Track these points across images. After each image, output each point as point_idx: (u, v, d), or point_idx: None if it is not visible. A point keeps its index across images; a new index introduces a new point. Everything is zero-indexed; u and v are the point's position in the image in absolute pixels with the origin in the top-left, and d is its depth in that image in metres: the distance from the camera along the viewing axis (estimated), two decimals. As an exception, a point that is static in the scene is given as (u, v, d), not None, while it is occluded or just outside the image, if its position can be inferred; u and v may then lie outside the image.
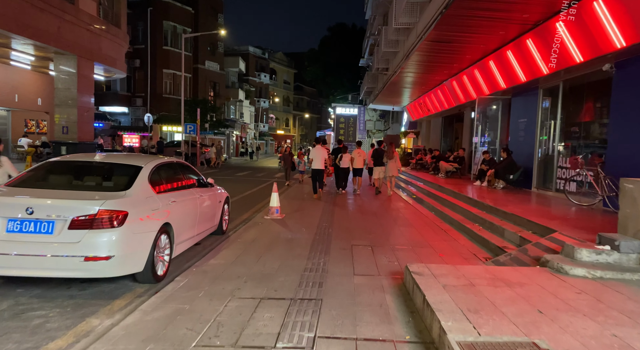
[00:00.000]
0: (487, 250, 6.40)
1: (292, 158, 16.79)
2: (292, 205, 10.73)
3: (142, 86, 35.42)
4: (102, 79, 20.89)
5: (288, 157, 16.70)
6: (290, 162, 16.63)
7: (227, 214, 8.03)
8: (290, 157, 16.74)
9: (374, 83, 25.51)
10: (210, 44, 40.09)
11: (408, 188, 14.99)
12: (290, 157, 16.76)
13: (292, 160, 16.89)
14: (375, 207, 11.08)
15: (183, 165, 6.49)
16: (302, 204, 11.11)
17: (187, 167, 6.63)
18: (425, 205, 11.09)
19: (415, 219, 9.26)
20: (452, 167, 15.43)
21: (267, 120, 66.32)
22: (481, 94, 13.97)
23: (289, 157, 16.72)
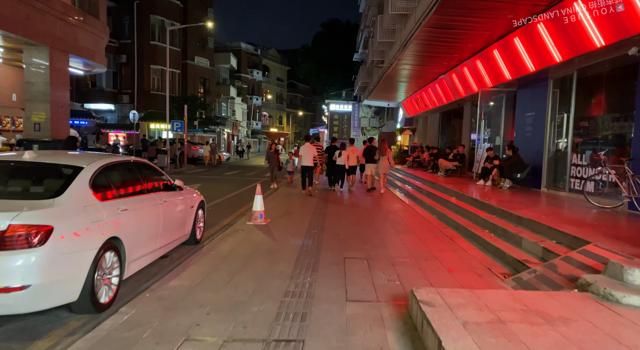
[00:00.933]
0: (504, 263, 5.44)
1: (278, 156, 14.47)
2: (279, 209, 9.73)
3: (129, 82, 34.22)
4: (82, 73, 19.71)
5: (274, 156, 14.36)
6: (276, 161, 14.39)
7: (203, 221, 7.03)
8: (276, 156, 14.36)
9: (369, 78, 24.52)
10: (200, 39, 38.92)
11: (406, 188, 14.04)
12: (276, 155, 14.37)
13: (279, 160, 14.63)
14: (371, 210, 10.12)
15: (143, 165, 5.47)
16: (291, 207, 10.11)
17: (149, 168, 5.61)
18: (426, 207, 10.13)
19: (416, 224, 8.30)
20: (452, 165, 14.50)
21: (260, 118, 65.25)
22: (484, 87, 13.03)
23: (275, 155, 14.39)
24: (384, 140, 13.75)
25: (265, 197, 10.90)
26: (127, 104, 33.88)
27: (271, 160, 14.34)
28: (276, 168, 14.58)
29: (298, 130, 78.10)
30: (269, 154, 14.57)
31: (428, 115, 23.03)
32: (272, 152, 14.60)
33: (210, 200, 11.83)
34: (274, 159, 14.33)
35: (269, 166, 14.46)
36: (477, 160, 14.06)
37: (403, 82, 19.08)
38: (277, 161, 14.48)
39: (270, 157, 14.41)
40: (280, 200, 11.07)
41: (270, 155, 14.46)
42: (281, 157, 16.20)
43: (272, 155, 14.43)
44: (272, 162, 14.34)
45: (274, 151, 14.58)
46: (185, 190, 6.36)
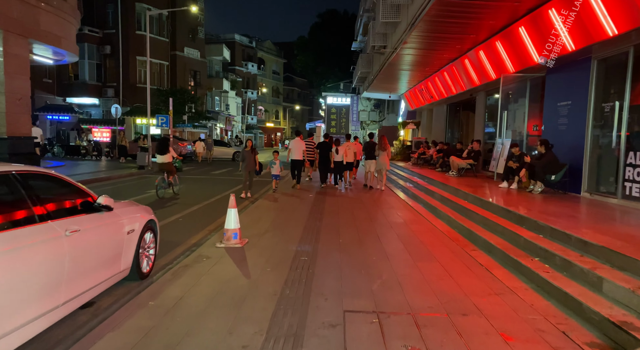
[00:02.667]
0: (584, 322, 3.64)
1: (255, 157, 11.14)
2: (262, 224, 7.93)
3: (114, 75, 32.27)
4: (51, 62, 17.79)
5: (249, 156, 11.10)
6: (253, 162, 11.08)
7: (154, 246, 5.23)
8: (253, 155, 11.12)
9: (369, 67, 22.66)
10: (190, 29, 36.93)
11: (412, 190, 12.24)
12: (252, 155, 11.13)
13: (256, 161, 11.16)
14: (374, 220, 8.32)
15: (37, 177, 3.65)
16: (277, 220, 8.30)
17: (51, 181, 3.79)
18: (443, 218, 8.34)
19: (435, 243, 6.51)
20: (466, 163, 12.70)
21: (256, 113, 63.34)
22: (504, 73, 11.20)
23: (251, 155, 11.12)
24: (383, 136, 13.14)
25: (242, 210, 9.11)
26: (112, 98, 31.94)
27: (247, 162, 11.14)
28: (252, 172, 11.31)
29: (295, 125, 76.15)
30: (244, 153, 11.27)
31: (434, 107, 21.21)
32: (247, 150, 11.29)
33: (185, 207, 10.05)
34: (250, 160, 11.13)
35: (243, 169, 11.23)
36: (494, 158, 12.29)
37: (407, 70, 17.23)
38: (254, 163, 11.16)
39: (246, 157, 11.17)
40: (263, 212, 9.24)
41: (246, 154, 11.21)
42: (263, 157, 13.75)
43: (247, 155, 11.18)
44: (248, 163, 11.14)
45: (250, 149, 11.31)
46: (120, 208, 4.53)
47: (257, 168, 11.25)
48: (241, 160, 11.34)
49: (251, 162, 11.12)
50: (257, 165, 11.19)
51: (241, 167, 11.27)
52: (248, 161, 11.13)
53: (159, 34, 33.69)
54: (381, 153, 12.51)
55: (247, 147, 11.47)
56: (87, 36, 30.87)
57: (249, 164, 11.13)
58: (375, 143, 12.89)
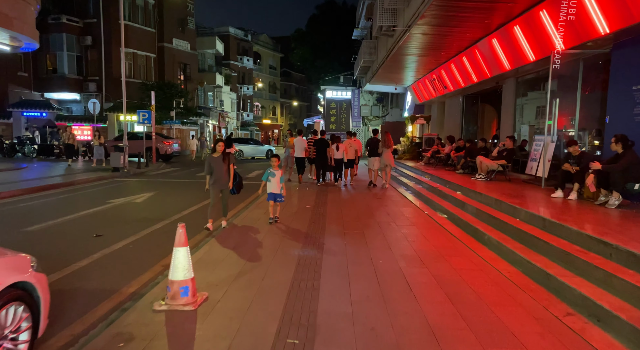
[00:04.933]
0: None
1: (230, 165, 7.24)
2: (235, 260, 5.66)
3: (96, 68, 29.86)
4: (7, 49, 15.43)
5: (220, 166, 7.08)
6: (225, 176, 7.16)
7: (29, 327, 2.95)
8: (225, 165, 7.14)
9: (373, 55, 20.31)
10: (179, 19, 34.48)
11: (433, 198, 9.94)
12: (225, 164, 7.14)
13: (231, 172, 7.27)
14: (396, 247, 6.03)
15: None
16: (255, 255, 6.02)
17: None
18: (491, 246, 6.04)
19: (501, 300, 4.21)
20: (497, 165, 10.41)
21: (252, 109, 60.95)
22: (549, 51, 8.90)
23: (223, 165, 7.12)
24: (387, 133, 12.76)
25: (206, 239, 6.82)
26: (94, 93, 29.53)
27: (215, 175, 7.07)
28: (225, 191, 7.29)
29: (293, 122, 73.79)
30: (210, 161, 7.10)
31: (446, 99, 18.91)
32: (216, 157, 7.12)
33: (147, 224, 7.73)
34: (220, 172, 7.06)
35: (211, 185, 7.15)
36: (532, 159, 10.02)
37: (419, 55, 14.92)
38: (227, 176, 7.19)
39: (214, 168, 7.05)
40: (240, 240, 6.92)
41: (214, 164, 7.06)
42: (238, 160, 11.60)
43: (216, 165, 7.05)
44: (217, 178, 7.07)
45: (222, 156, 7.13)
46: None
47: (231, 185, 7.32)
48: (207, 172, 7.11)
49: (223, 175, 7.09)
50: (231, 179, 7.24)
51: (208, 183, 7.15)
52: (218, 174, 7.05)
53: (144, 24, 31.30)
54: (385, 150, 12.23)
55: (215, 152, 7.19)
56: (65, 26, 28.49)
57: (219, 178, 7.07)
58: (378, 140, 12.60)
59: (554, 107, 8.07)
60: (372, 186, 12.60)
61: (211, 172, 7.15)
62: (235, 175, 7.51)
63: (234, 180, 7.44)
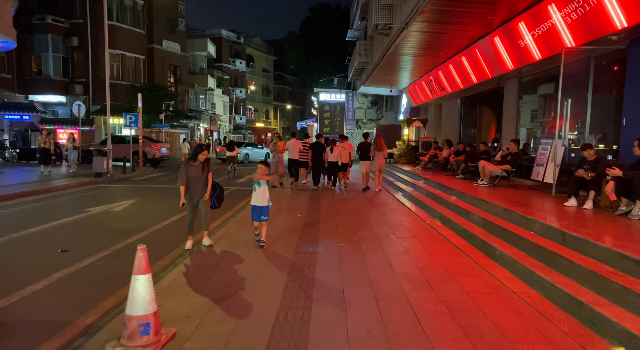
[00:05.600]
0: None
1: (209, 172, 6.05)
2: (210, 286, 4.97)
3: (83, 70, 29.01)
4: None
5: (197, 174, 5.93)
6: (203, 183, 6.02)
7: None
8: (204, 176, 6.00)
9: (368, 55, 19.70)
10: (169, 20, 33.76)
11: (433, 205, 9.29)
12: (204, 174, 5.98)
13: (209, 182, 6.09)
14: (394, 263, 5.36)
15: None
16: (234, 281, 5.32)
17: None
18: (507, 265, 5.39)
19: (524, 329, 3.55)
20: (501, 170, 9.79)
21: (245, 112, 60.22)
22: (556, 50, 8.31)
23: (202, 174, 5.97)
24: (379, 136, 12.74)
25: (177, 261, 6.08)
26: (80, 95, 28.68)
27: (193, 186, 5.96)
28: (205, 203, 6.09)
29: (286, 125, 73.12)
30: (188, 169, 5.89)
31: (443, 102, 18.34)
32: (196, 165, 5.91)
33: (122, 235, 6.97)
34: (199, 182, 5.98)
35: (187, 199, 5.98)
36: (539, 163, 9.41)
37: (416, 55, 14.32)
38: (206, 185, 6.06)
39: (192, 177, 5.92)
40: (220, 260, 6.21)
41: (192, 172, 5.91)
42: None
43: (195, 174, 5.92)
44: (196, 189, 5.98)
45: (200, 163, 5.92)
46: None
47: (207, 196, 6.05)
48: (181, 184, 5.83)
49: (201, 187, 5.98)
50: (208, 190, 6.05)
51: (183, 197, 5.88)
52: (195, 186, 5.93)
53: (133, 24, 30.53)
54: (377, 153, 12.17)
55: (194, 159, 5.88)
56: (51, 26, 27.67)
57: (195, 191, 5.95)
58: (369, 143, 12.50)
59: (566, 108, 7.46)
60: (366, 189, 12.58)
61: (188, 183, 5.95)
62: (215, 185, 6.27)
63: (214, 192, 6.20)
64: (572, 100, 8.03)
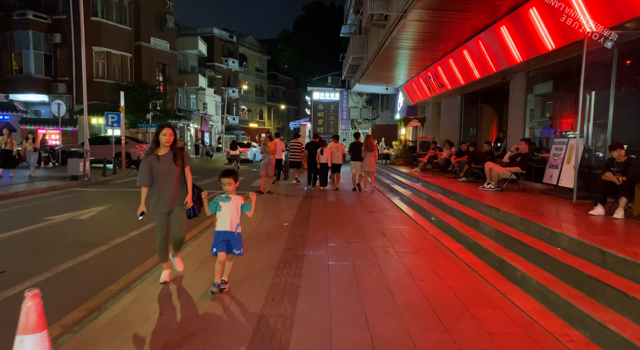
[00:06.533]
0: None
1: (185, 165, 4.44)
2: (168, 323, 3.98)
3: (66, 68, 27.84)
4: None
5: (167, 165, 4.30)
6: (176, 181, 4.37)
7: None
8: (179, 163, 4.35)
9: (362, 51, 18.75)
10: (157, 17, 32.63)
11: (433, 210, 8.32)
12: (178, 161, 4.36)
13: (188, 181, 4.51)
14: (394, 288, 4.39)
15: None
16: (195, 317, 4.31)
17: None
18: (523, 284, 4.42)
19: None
20: (510, 172, 8.85)
21: (238, 112, 59.16)
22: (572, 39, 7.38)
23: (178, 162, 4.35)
24: (369, 136, 12.68)
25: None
26: (64, 94, 27.52)
27: (162, 184, 4.35)
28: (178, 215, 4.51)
29: (280, 125, 72.10)
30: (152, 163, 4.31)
31: (442, 100, 17.42)
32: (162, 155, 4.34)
33: (77, 250, 5.82)
34: (169, 179, 4.35)
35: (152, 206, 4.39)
36: (552, 165, 8.49)
37: (414, 49, 13.37)
38: (180, 185, 4.46)
39: (159, 173, 4.31)
40: (185, 286, 5.19)
41: (158, 166, 4.29)
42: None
43: (163, 168, 4.31)
44: (166, 190, 4.37)
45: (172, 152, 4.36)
46: None
47: (188, 201, 4.50)
48: (142, 183, 4.33)
49: (173, 187, 4.38)
50: (189, 193, 4.52)
51: (143, 204, 4.36)
52: (164, 185, 4.36)
53: (119, 21, 29.42)
54: (368, 154, 12.04)
55: (159, 147, 4.36)
56: (32, 22, 26.49)
57: (166, 193, 4.38)
58: (361, 143, 12.35)
59: (589, 103, 6.52)
60: (357, 190, 12.50)
61: (151, 182, 4.34)
62: (194, 187, 4.64)
63: (193, 195, 4.58)
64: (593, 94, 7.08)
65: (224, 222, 4.16)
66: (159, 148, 4.40)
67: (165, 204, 4.44)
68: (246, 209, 4.24)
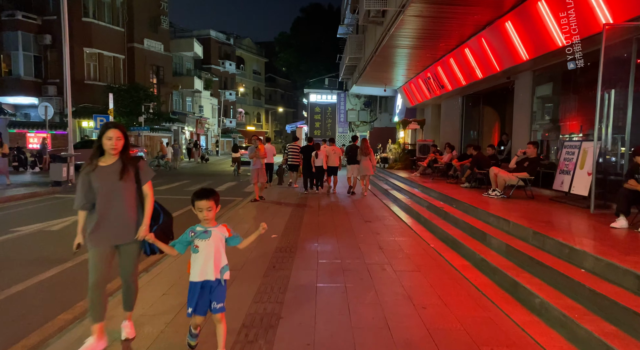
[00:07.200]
0: None
1: (141, 181, 3.19)
2: None
3: (57, 70, 27.10)
4: None
5: (111, 180, 3.05)
6: (126, 201, 3.12)
7: None
8: (129, 177, 3.12)
9: (359, 51, 18.12)
10: (151, 18, 32.04)
11: (436, 221, 7.66)
12: (128, 175, 3.12)
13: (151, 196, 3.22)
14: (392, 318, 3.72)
15: None
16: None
17: None
18: (543, 314, 3.76)
19: None
20: (518, 178, 8.19)
21: (235, 115, 58.49)
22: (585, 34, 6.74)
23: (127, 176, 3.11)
24: (365, 139, 12.57)
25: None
26: (54, 97, 26.89)
27: (104, 207, 3.06)
28: (129, 247, 3.18)
29: (278, 128, 71.49)
30: (93, 177, 3.06)
31: (442, 101, 16.79)
32: (106, 166, 3.10)
33: (37, 268, 5.14)
34: (117, 200, 3.08)
35: (90, 236, 3.07)
36: (563, 170, 7.85)
37: (412, 48, 12.74)
38: (135, 208, 3.17)
39: (102, 190, 3.05)
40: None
41: (101, 181, 3.04)
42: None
43: (106, 184, 3.05)
44: (112, 216, 3.08)
45: (121, 162, 3.13)
46: None
47: (140, 232, 3.13)
48: (79, 206, 3.10)
49: (124, 210, 3.12)
50: (146, 221, 3.16)
51: (79, 235, 3.14)
52: (108, 209, 3.07)
53: (112, 22, 28.85)
54: (363, 158, 11.98)
55: (103, 155, 3.11)
56: (21, 23, 25.89)
57: (110, 219, 3.09)
58: (357, 147, 12.26)
59: (608, 102, 5.86)
60: (353, 194, 12.45)
61: (92, 203, 3.09)
62: (158, 210, 3.35)
63: (154, 222, 3.26)
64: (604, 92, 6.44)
65: (204, 269, 2.83)
66: (102, 157, 3.16)
67: (108, 235, 3.08)
68: (234, 242, 2.96)
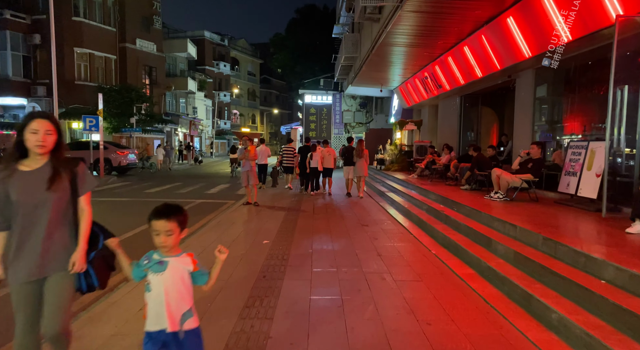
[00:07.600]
0: None
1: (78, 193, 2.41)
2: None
3: (46, 70, 26.48)
4: None
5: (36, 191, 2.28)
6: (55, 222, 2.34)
7: None
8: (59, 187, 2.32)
9: (355, 50, 17.75)
10: (143, 17, 31.55)
11: (437, 225, 7.28)
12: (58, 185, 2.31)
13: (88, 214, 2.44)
14: (393, 339, 3.33)
15: None
16: None
17: None
18: (560, 330, 3.38)
19: None
20: (521, 180, 7.83)
21: (230, 117, 58.02)
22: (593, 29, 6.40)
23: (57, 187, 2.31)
24: (361, 141, 12.64)
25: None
26: (43, 98, 26.33)
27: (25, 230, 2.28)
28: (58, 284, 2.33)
29: (273, 130, 71.03)
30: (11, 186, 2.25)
31: (439, 102, 16.45)
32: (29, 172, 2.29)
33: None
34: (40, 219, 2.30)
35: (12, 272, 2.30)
36: (569, 172, 7.50)
37: (410, 46, 12.37)
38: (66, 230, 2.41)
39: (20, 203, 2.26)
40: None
41: (15, 190, 2.24)
42: None
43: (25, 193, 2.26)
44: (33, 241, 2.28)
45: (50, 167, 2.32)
46: None
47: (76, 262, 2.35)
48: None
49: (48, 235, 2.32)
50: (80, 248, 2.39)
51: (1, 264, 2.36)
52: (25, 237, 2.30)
53: (103, 22, 28.33)
54: (358, 160, 11.98)
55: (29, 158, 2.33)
56: (9, 22, 25.32)
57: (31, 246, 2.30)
58: (353, 148, 12.28)
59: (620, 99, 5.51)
60: (349, 195, 12.46)
61: (9, 222, 2.31)
62: (96, 231, 2.55)
63: (92, 249, 2.48)
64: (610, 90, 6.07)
65: (159, 314, 2.06)
66: (24, 159, 2.33)
67: (30, 265, 2.29)
68: (200, 280, 2.17)
